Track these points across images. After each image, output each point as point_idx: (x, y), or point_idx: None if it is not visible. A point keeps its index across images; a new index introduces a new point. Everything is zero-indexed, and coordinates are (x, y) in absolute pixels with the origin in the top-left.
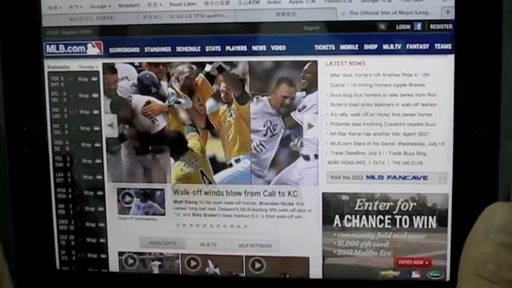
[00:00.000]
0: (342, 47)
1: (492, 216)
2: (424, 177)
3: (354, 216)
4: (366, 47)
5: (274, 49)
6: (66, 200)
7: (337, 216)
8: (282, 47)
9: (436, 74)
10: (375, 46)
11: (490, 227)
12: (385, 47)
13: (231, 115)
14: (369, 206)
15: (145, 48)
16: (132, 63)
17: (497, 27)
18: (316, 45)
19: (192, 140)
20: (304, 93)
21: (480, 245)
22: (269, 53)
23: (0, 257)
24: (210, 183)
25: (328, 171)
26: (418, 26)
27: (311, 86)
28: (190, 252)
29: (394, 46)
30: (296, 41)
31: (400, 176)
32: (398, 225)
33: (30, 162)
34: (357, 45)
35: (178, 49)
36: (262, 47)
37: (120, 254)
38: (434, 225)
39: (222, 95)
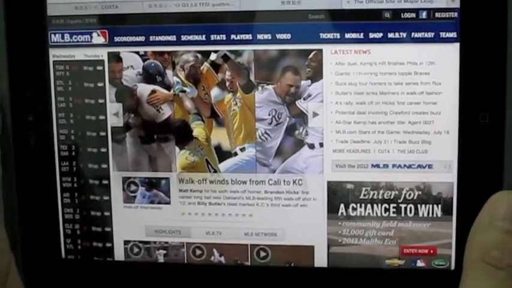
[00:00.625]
0: (347, 35)
1: (497, 204)
2: (429, 166)
3: (359, 204)
4: (371, 35)
5: (279, 38)
6: (72, 189)
7: (342, 205)
8: (287, 36)
9: (441, 62)
10: (380, 35)
11: (495, 215)
12: (390, 35)
13: (236, 104)
14: (374, 194)
15: (151, 37)
16: (137, 52)
17: (502, 15)
18: (321, 34)
19: (197, 129)
20: (309, 81)
21: (486, 233)
22: (274, 42)
23: (7, 248)
24: (215, 171)
25: (333, 159)
26: (423, 15)
27: (316, 75)
28: (195, 241)
29: (399, 35)
30: (301, 30)
31: (405, 165)
32: (403, 214)
33: (36, 152)
34: (362, 34)
35: (184, 38)
36: (267, 36)
37: (126, 242)
38: (439, 214)
39: (227, 83)
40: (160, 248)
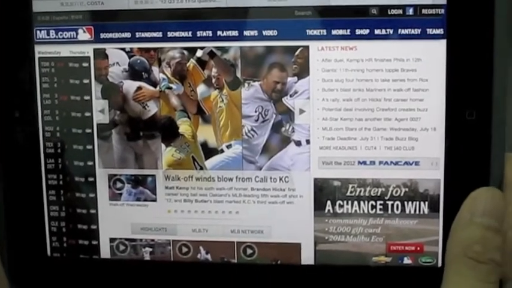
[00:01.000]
0: (334, 32)
1: (477, 201)
2: (416, 163)
3: (345, 202)
4: (358, 32)
5: (265, 34)
6: (57, 186)
7: (328, 202)
8: (274, 32)
9: (428, 59)
10: (366, 31)
11: (475, 211)
12: (377, 32)
13: (223, 100)
14: (360, 191)
15: (137, 33)
16: (123, 49)
17: (489, 11)
18: (307, 30)
19: (184, 126)
20: (295, 78)
21: (466, 229)
22: (260, 38)
23: None
24: (202, 169)
25: (319, 156)
26: (410, 11)
27: (303, 71)
28: (181, 238)
29: (386, 31)
30: (287, 26)
31: (391, 162)
32: (390, 211)
33: (21, 148)
34: (348, 30)
35: (170, 34)
36: (254, 32)
37: (112, 240)
38: (426, 211)
39: (214, 80)
40: (147, 245)
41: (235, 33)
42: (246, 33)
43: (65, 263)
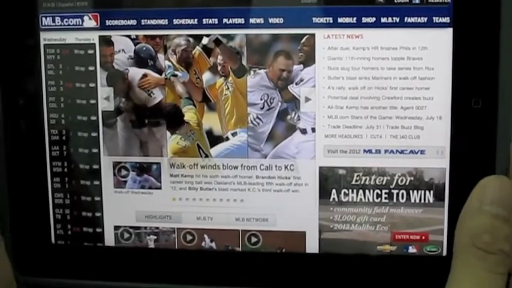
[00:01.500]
0: (340, 20)
1: (486, 189)
2: (422, 152)
3: (350, 190)
4: (364, 20)
5: (271, 22)
6: (62, 174)
7: (334, 191)
8: (280, 20)
9: (434, 47)
10: (373, 19)
11: (484, 199)
12: (383, 20)
13: (228, 88)
14: (365, 180)
15: (142, 20)
16: (128, 36)
17: (495, 0)
18: (314, 18)
19: (189, 113)
20: (301, 66)
21: (475, 217)
22: (266, 26)
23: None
24: (207, 156)
25: (325, 145)
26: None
27: (308, 59)
28: (186, 226)
29: (392, 19)
30: (294, 14)
31: (397, 150)
32: (395, 200)
33: (26, 136)
34: (354, 18)
35: (175, 21)
36: (260, 20)
37: (116, 228)
38: (431, 200)
39: (219, 67)
40: (151, 233)
41: (241, 20)
42: (252, 20)
43: (69, 251)
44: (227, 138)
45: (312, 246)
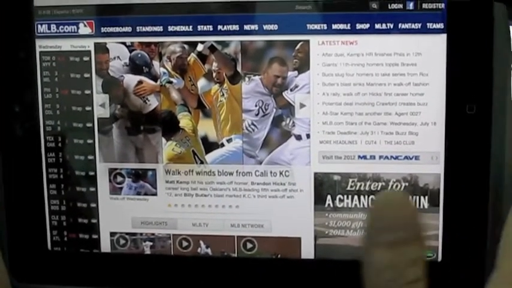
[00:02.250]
0: (334, 26)
1: (373, 215)
2: (416, 157)
3: (345, 196)
4: (358, 26)
5: (266, 28)
6: (58, 181)
7: (329, 197)
8: (274, 26)
9: (428, 53)
10: (367, 25)
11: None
12: (377, 26)
13: (223, 95)
14: (360, 186)
15: (137, 27)
16: (123, 43)
17: (488, 6)
18: (308, 25)
19: (184, 120)
20: (296, 72)
21: (371, 253)
22: (261, 33)
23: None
24: (202, 163)
25: (320, 151)
26: (411, 5)
27: (303, 66)
28: (182, 232)
29: (387, 25)
30: (288, 20)
31: (392, 156)
32: None
33: (22, 142)
34: (349, 25)
35: (170, 28)
36: (254, 26)
37: (112, 234)
38: (426, 206)
39: (214, 74)
40: (147, 239)
41: (235, 27)
42: (247, 27)
43: (66, 257)
44: (222, 145)
45: (307, 252)
